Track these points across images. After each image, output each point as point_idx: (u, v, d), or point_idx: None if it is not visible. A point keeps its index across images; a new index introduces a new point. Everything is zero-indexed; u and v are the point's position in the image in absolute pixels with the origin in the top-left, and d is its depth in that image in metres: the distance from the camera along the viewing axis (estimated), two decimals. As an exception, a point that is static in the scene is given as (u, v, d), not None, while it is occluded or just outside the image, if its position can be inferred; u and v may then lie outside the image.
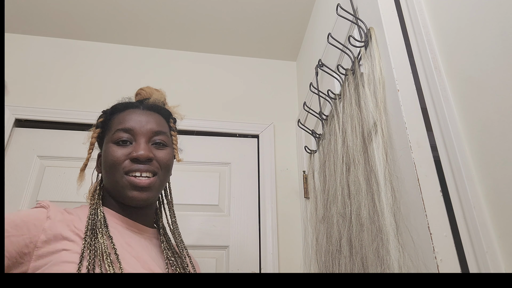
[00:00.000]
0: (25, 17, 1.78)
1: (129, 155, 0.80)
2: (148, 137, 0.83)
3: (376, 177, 0.83)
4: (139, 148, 0.80)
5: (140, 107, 0.88)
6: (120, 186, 0.79)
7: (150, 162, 0.81)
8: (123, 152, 0.80)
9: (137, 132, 0.82)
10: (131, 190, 0.78)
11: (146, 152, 0.80)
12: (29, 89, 1.74)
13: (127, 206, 0.82)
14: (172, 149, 0.89)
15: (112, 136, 0.83)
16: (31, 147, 1.61)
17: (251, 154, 1.78)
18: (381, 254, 0.76)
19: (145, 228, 0.84)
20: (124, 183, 0.78)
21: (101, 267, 0.66)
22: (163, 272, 0.77)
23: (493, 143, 0.65)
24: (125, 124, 0.83)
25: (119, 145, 0.81)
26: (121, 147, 0.81)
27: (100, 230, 0.72)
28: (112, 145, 0.81)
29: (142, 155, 0.79)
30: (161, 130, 0.86)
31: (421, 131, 0.78)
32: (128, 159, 0.80)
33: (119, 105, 0.90)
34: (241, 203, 1.65)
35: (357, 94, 0.97)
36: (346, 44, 1.13)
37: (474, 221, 0.66)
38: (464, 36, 0.75)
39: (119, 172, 0.79)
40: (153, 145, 0.84)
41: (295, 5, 1.74)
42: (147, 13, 1.78)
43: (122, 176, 0.79)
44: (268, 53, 2.02)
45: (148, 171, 0.80)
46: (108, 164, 0.80)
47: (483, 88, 0.69)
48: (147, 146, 0.82)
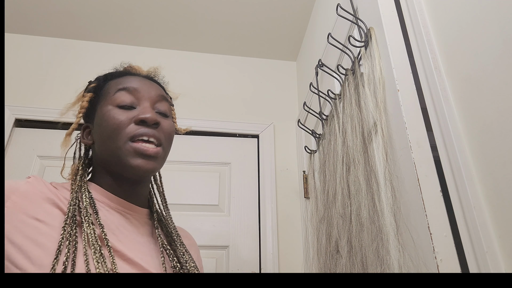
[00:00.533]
0: (25, 17, 1.78)
1: (134, 118, 0.71)
2: (152, 102, 0.76)
3: (376, 177, 0.83)
4: (145, 111, 0.72)
5: (140, 75, 0.82)
6: (122, 154, 0.69)
7: (157, 127, 0.73)
8: (127, 115, 0.71)
9: (142, 94, 0.74)
10: (136, 157, 0.69)
11: (154, 115, 0.71)
12: (29, 89, 1.74)
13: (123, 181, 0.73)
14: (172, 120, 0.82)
15: (112, 97, 0.74)
16: (31, 147, 1.61)
17: (251, 154, 1.78)
18: (381, 254, 0.76)
19: (138, 209, 0.76)
20: (127, 150, 0.69)
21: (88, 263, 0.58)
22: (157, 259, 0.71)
23: (493, 143, 0.65)
24: (128, 84, 0.75)
25: (122, 109, 0.72)
26: (124, 111, 0.72)
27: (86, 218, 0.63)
28: (113, 108, 0.72)
29: (150, 118, 0.71)
30: (164, 96, 0.80)
31: (421, 131, 0.78)
32: (132, 122, 0.71)
33: (115, 72, 0.83)
34: (241, 203, 1.65)
35: (357, 94, 0.97)
36: (346, 44, 1.13)
37: (474, 221, 0.66)
38: (464, 36, 0.75)
39: (122, 138, 0.70)
40: (157, 113, 0.76)
41: (295, 5, 1.74)
42: (148, 13, 1.78)
43: (126, 142, 0.69)
44: (268, 53, 2.02)
45: (155, 137, 0.72)
46: (108, 129, 0.71)
47: (483, 88, 0.69)
48: (153, 111, 0.74)
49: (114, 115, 0.71)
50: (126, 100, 0.73)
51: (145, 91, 0.75)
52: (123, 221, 0.71)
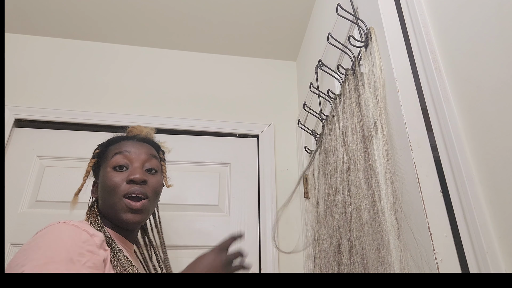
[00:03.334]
0: (25, 17, 1.78)
1: (126, 178, 0.90)
2: (142, 162, 0.94)
3: (377, 177, 0.83)
4: (135, 172, 0.90)
5: (134, 139, 1.00)
6: (117, 209, 0.88)
7: (144, 184, 0.91)
8: (121, 176, 0.90)
9: (132, 157, 0.93)
10: (126, 212, 0.87)
11: (141, 175, 0.90)
12: (29, 89, 1.74)
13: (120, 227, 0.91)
14: (161, 176, 1.00)
15: (110, 161, 0.93)
16: (31, 147, 1.61)
17: (251, 154, 1.78)
18: (382, 254, 0.76)
19: (131, 245, 0.95)
20: (121, 206, 0.87)
21: None
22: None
23: (493, 143, 0.65)
24: (122, 148, 0.94)
25: (117, 171, 0.91)
26: (119, 172, 0.91)
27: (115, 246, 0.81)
28: (110, 170, 0.91)
29: (138, 178, 0.89)
30: (153, 154, 0.98)
31: (421, 131, 0.78)
32: (125, 181, 0.89)
33: (114, 138, 1.02)
34: (241, 203, 1.65)
35: (357, 94, 0.97)
36: (346, 44, 1.13)
37: (474, 221, 0.66)
38: (464, 36, 0.75)
39: (118, 195, 0.88)
40: (146, 171, 0.94)
41: (295, 5, 1.74)
42: (148, 13, 1.78)
43: (120, 199, 0.88)
44: (268, 53, 2.02)
45: (142, 193, 0.90)
46: (107, 188, 0.89)
47: (483, 88, 0.69)
48: (142, 170, 0.92)
49: (111, 176, 0.90)
50: (120, 162, 0.92)
51: (136, 153, 0.95)
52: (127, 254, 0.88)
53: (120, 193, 0.88)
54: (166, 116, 1.78)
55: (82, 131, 1.68)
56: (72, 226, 0.76)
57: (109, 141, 1.01)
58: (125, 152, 0.93)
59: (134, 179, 0.89)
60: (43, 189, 1.53)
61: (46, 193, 1.53)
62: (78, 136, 1.66)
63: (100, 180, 0.94)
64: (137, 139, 1.00)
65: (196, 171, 1.69)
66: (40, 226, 0.82)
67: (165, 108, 1.81)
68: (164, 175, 1.05)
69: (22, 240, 1.41)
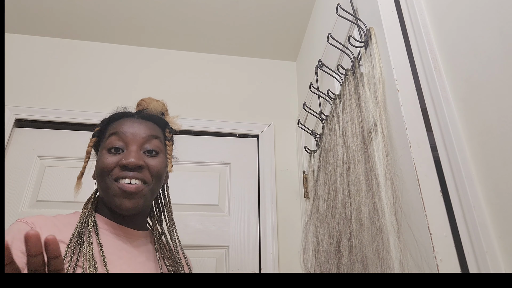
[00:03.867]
0: (25, 17, 1.78)
1: (119, 162, 0.81)
2: (139, 144, 0.84)
3: (377, 177, 0.83)
4: (129, 156, 0.80)
5: (135, 116, 0.90)
6: (110, 193, 0.80)
7: (140, 170, 0.81)
8: (114, 159, 0.81)
9: (128, 139, 0.83)
10: (120, 197, 0.79)
11: (136, 160, 0.80)
12: (29, 89, 1.74)
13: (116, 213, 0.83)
14: (165, 157, 0.88)
15: (105, 142, 0.84)
16: (31, 147, 1.61)
17: (251, 154, 1.78)
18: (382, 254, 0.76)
19: (136, 233, 0.85)
20: (114, 190, 0.79)
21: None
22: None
23: (493, 143, 0.65)
24: (117, 129, 0.84)
25: (111, 153, 0.82)
26: (113, 155, 0.82)
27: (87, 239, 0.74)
28: (105, 152, 0.83)
29: (131, 163, 0.79)
30: (153, 134, 0.87)
31: (421, 131, 0.78)
32: (118, 166, 0.81)
33: (115, 114, 0.91)
34: (241, 203, 1.65)
35: (357, 94, 0.97)
36: (346, 44, 1.13)
37: (474, 221, 0.66)
38: (464, 36, 0.75)
39: (109, 178, 0.80)
40: (145, 152, 0.84)
41: (295, 5, 1.74)
42: (147, 13, 1.78)
43: (112, 182, 0.80)
44: (268, 53, 2.02)
45: (137, 178, 0.80)
46: (98, 171, 0.82)
47: (483, 88, 0.69)
48: (138, 154, 0.82)
49: (104, 159, 0.82)
50: (115, 144, 0.83)
51: (133, 134, 0.84)
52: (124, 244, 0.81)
53: (110, 177, 0.80)
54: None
55: (82, 131, 1.68)
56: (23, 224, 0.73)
57: (110, 118, 0.90)
58: (121, 133, 0.84)
59: (127, 164, 0.79)
60: (44, 189, 1.53)
61: (46, 193, 1.53)
62: (78, 136, 1.66)
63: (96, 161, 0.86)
64: (140, 116, 0.90)
65: (196, 171, 1.69)
66: (40, 226, 0.83)
67: (165, 108, 1.81)
68: (168, 156, 0.91)
69: (22, 240, 1.41)
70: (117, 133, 0.83)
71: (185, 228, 1.55)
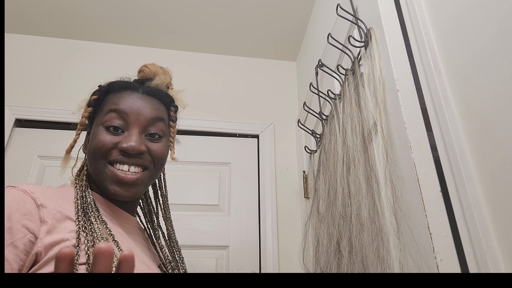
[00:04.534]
0: (25, 17, 1.78)
1: (118, 144, 0.71)
2: (142, 127, 0.74)
3: (377, 177, 0.83)
4: (130, 139, 0.71)
5: (139, 90, 0.78)
6: (102, 177, 0.71)
7: (140, 156, 0.72)
8: (112, 139, 0.71)
9: (130, 119, 0.73)
10: (113, 184, 0.70)
11: (137, 145, 0.71)
12: (29, 89, 1.74)
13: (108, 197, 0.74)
14: (168, 141, 0.80)
15: (103, 118, 0.73)
16: (31, 147, 1.61)
17: (251, 154, 1.78)
18: (382, 254, 0.76)
19: (129, 217, 0.77)
20: (107, 174, 0.70)
21: None
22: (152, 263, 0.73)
23: (493, 143, 0.65)
24: (118, 106, 0.73)
25: (109, 132, 0.72)
26: (111, 134, 0.72)
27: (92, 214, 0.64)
28: (101, 129, 0.72)
29: (132, 148, 0.70)
30: (159, 117, 0.76)
31: (421, 131, 0.78)
32: (116, 148, 0.71)
33: (116, 83, 0.79)
34: (241, 203, 1.65)
35: (357, 94, 0.97)
36: (346, 44, 1.13)
37: (474, 221, 0.66)
38: (464, 36, 0.75)
39: (103, 160, 0.71)
40: (147, 136, 0.74)
41: (295, 5, 1.74)
42: (148, 13, 1.78)
43: (105, 165, 0.70)
44: (268, 53, 2.02)
45: (138, 165, 0.72)
46: (92, 148, 0.72)
47: (483, 88, 0.69)
48: (140, 138, 0.72)
49: (100, 137, 0.71)
50: (114, 123, 0.72)
51: (136, 114, 0.73)
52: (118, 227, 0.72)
53: (105, 159, 0.71)
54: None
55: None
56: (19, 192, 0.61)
57: (110, 86, 0.79)
58: (122, 111, 0.72)
59: (127, 148, 0.70)
60: (43, 189, 1.53)
61: (46, 193, 1.53)
62: (78, 136, 1.66)
63: (90, 135, 0.76)
64: (144, 91, 0.78)
65: (196, 171, 1.69)
66: (40, 226, 0.82)
67: (165, 108, 1.81)
68: (171, 140, 0.82)
69: (22, 240, 1.41)
70: (118, 111, 0.73)
71: (185, 228, 1.55)
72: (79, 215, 0.62)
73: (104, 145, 0.71)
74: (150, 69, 0.84)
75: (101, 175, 0.71)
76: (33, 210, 0.59)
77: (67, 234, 0.59)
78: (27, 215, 0.58)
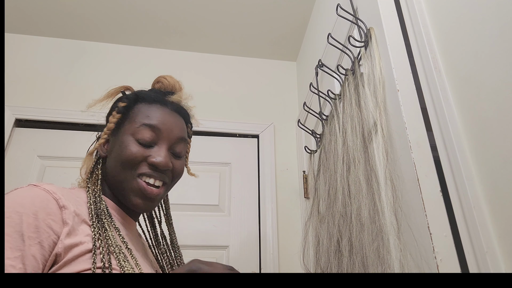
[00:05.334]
0: (25, 17, 1.78)
1: (148, 158, 0.74)
2: (170, 144, 0.77)
3: (377, 177, 0.83)
4: (160, 155, 0.74)
5: (168, 106, 0.81)
6: (127, 187, 0.73)
7: (165, 171, 0.76)
8: (143, 152, 0.74)
9: (162, 135, 0.76)
10: (137, 196, 0.73)
11: (167, 162, 0.74)
12: (29, 89, 1.74)
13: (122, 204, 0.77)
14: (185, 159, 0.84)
15: (135, 130, 0.75)
16: (31, 147, 1.61)
17: (251, 154, 1.78)
18: (382, 254, 0.76)
19: (132, 222, 0.80)
20: (133, 186, 0.73)
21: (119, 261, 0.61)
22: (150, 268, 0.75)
23: (493, 143, 0.65)
24: (153, 121, 0.76)
25: (140, 144, 0.74)
26: (142, 147, 0.74)
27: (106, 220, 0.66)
28: (132, 140, 0.74)
29: (162, 164, 0.73)
30: (184, 137, 0.80)
31: (421, 131, 0.78)
32: (145, 161, 0.74)
33: (145, 94, 0.82)
34: (241, 203, 1.65)
35: (357, 94, 0.98)
36: (346, 44, 1.13)
37: (474, 221, 0.66)
38: (464, 36, 0.75)
39: (132, 172, 0.73)
40: (171, 152, 0.78)
41: (295, 5, 1.74)
42: (148, 13, 1.78)
43: (134, 178, 0.73)
44: (268, 53, 2.02)
45: (161, 179, 0.75)
46: (122, 158, 0.73)
47: (482, 88, 0.69)
48: (168, 154, 0.76)
49: (132, 148, 0.73)
50: (146, 138, 0.75)
51: (168, 131, 0.77)
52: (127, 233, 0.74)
53: (135, 172, 0.73)
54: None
55: (82, 131, 1.68)
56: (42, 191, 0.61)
57: (138, 96, 0.81)
58: (156, 127, 0.75)
59: (158, 164, 0.73)
60: (43, 189, 1.53)
61: (46, 193, 1.53)
62: (78, 136, 1.66)
63: (117, 143, 0.76)
64: (173, 108, 0.81)
65: (196, 171, 1.68)
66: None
67: (165, 108, 1.81)
68: (187, 156, 0.86)
69: (23, 240, 1.41)
70: (152, 126, 0.75)
71: (185, 228, 1.55)
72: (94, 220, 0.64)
73: (136, 157, 0.73)
74: (168, 81, 0.88)
75: (126, 185, 0.73)
76: (56, 210, 0.60)
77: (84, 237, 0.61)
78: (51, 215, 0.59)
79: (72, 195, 0.68)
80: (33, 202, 0.59)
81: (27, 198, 0.60)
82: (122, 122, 0.79)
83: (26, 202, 0.59)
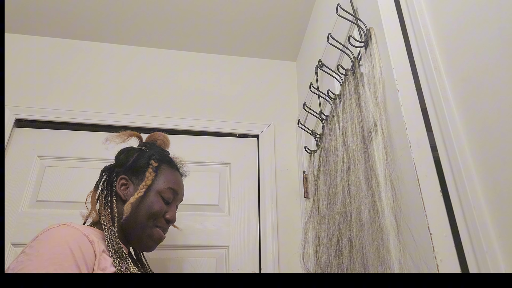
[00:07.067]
0: (25, 17, 1.78)
1: (164, 213, 0.98)
2: (178, 203, 1.06)
3: (377, 177, 0.83)
4: (173, 212, 1.02)
5: (179, 170, 1.10)
6: (145, 233, 0.94)
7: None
8: (163, 208, 0.98)
9: (178, 197, 1.04)
10: (152, 241, 0.95)
11: (175, 217, 1.02)
12: (29, 89, 1.74)
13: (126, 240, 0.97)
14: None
15: (163, 190, 0.99)
16: (32, 147, 1.61)
17: (251, 154, 1.78)
18: (382, 254, 0.76)
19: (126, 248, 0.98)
20: (152, 233, 0.95)
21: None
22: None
23: (493, 143, 0.65)
24: (174, 186, 1.03)
25: (164, 201, 0.98)
26: (164, 204, 0.98)
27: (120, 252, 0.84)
28: (160, 198, 0.98)
29: (173, 220, 1.01)
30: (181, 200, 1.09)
31: (421, 131, 0.78)
32: (162, 216, 0.98)
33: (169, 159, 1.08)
34: (241, 203, 1.65)
35: (357, 94, 0.98)
36: (346, 44, 1.13)
37: (474, 221, 0.66)
38: (464, 36, 0.75)
39: (153, 221, 0.95)
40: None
41: (295, 5, 1.74)
42: (147, 13, 1.78)
43: (154, 226, 0.95)
44: (268, 53, 2.02)
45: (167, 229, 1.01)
46: (152, 211, 0.95)
47: (483, 88, 0.69)
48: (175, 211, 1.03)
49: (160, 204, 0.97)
50: (168, 199, 1.01)
51: (181, 195, 1.07)
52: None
53: (154, 221, 0.96)
54: (166, 116, 1.78)
55: (82, 131, 1.68)
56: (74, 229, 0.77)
57: (164, 158, 1.06)
58: (176, 191, 1.02)
59: (171, 219, 1.00)
60: (44, 189, 1.53)
61: (46, 193, 1.53)
62: (78, 136, 1.66)
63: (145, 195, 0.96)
64: (180, 172, 1.10)
65: (196, 171, 1.69)
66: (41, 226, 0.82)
67: (165, 108, 1.81)
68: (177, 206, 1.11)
69: (23, 240, 1.41)
70: (174, 190, 1.01)
71: (185, 228, 1.55)
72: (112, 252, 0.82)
73: (160, 212, 0.97)
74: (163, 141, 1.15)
75: (145, 231, 0.95)
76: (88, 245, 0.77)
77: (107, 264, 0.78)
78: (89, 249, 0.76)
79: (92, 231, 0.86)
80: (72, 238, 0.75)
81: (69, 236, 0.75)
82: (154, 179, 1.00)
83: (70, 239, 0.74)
